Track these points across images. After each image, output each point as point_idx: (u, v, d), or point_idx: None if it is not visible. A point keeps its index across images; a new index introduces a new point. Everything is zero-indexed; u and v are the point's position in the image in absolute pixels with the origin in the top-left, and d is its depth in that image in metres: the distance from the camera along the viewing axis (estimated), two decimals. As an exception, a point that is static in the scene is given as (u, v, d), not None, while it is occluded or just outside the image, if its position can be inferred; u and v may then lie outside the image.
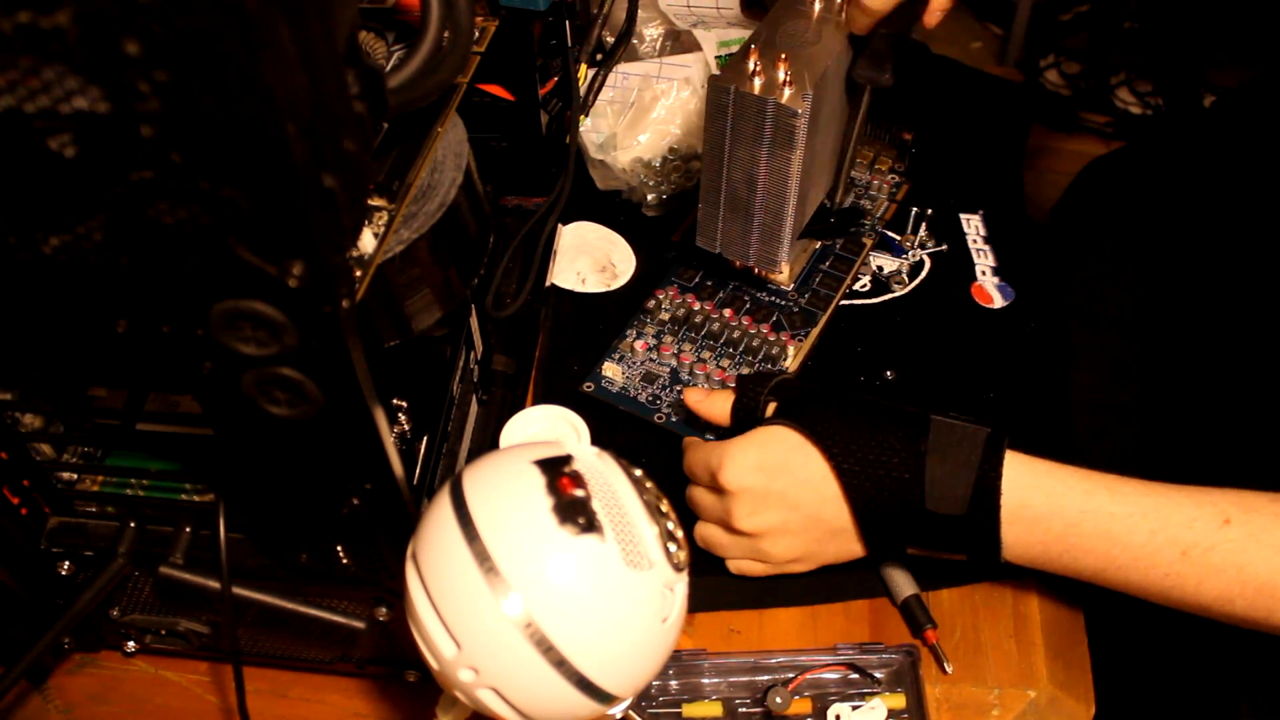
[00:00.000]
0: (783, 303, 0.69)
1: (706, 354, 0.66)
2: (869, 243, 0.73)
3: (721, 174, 0.60)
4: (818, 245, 0.72)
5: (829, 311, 0.68)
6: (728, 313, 0.68)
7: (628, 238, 0.76)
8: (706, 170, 0.61)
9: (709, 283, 0.70)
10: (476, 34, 0.54)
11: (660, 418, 0.63)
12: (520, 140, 0.69)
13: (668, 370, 0.65)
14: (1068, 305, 0.75)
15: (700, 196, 0.63)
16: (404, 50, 0.49)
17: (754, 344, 0.66)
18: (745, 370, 0.64)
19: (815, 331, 0.67)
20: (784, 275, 0.69)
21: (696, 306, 0.68)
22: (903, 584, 0.57)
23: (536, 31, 0.65)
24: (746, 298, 0.69)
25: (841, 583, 0.58)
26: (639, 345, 0.66)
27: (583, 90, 0.73)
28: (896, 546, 0.54)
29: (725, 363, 0.65)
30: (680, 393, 0.64)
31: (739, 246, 0.64)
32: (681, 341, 0.67)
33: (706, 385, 0.64)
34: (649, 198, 0.77)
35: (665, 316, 0.68)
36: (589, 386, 0.65)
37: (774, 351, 0.65)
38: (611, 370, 0.65)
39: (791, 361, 0.65)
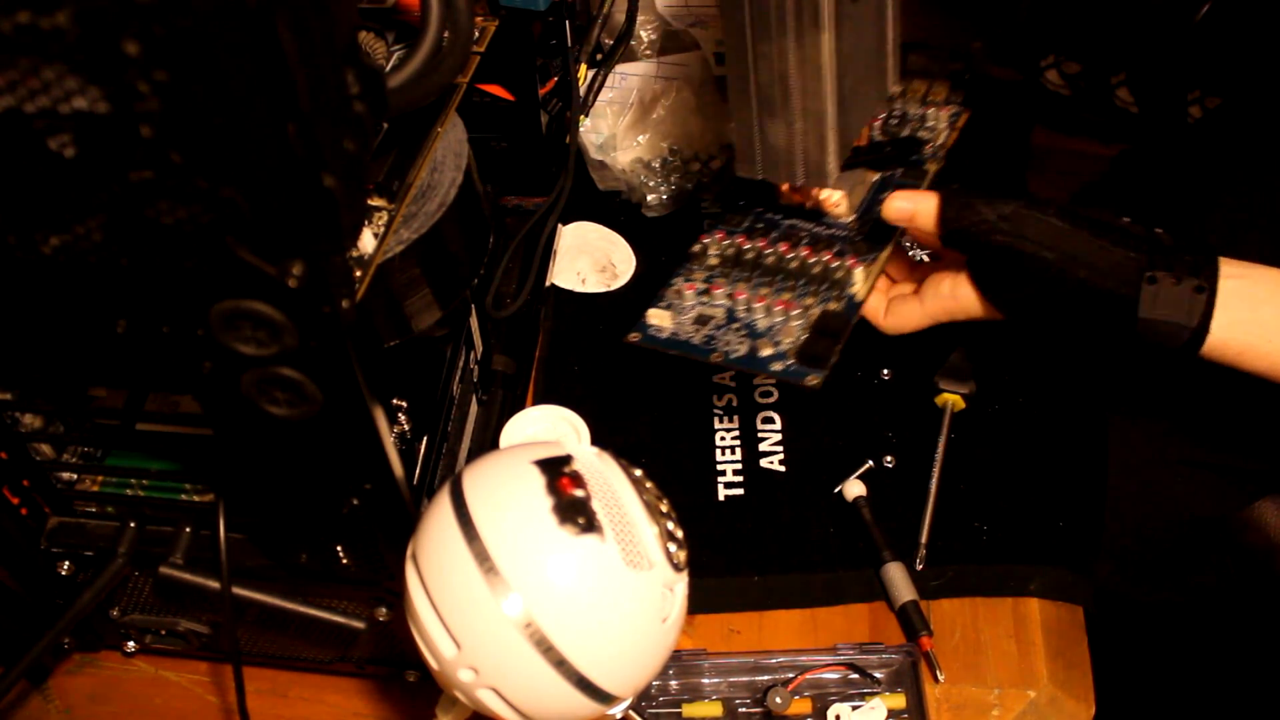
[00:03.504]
0: (844, 234, 0.61)
1: (765, 289, 0.58)
2: (933, 169, 0.65)
3: (749, 79, 0.54)
4: (876, 176, 0.64)
5: (895, 235, 0.60)
6: (783, 246, 0.60)
7: (628, 238, 0.76)
8: (732, 79, 0.55)
9: (760, 225, 0.62)
10: (476, 34, 0.54)
11: (718, 356, 0.56)
12: (520, 140, 0.69)
13: (723, 310, 0.58)
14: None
15: (732, 114, 0.56)
16: (404, 50, 0.49)
17: (814, 272, 0.58)
18: (810, 301, 0.57)
19: (884, 255, 0.59)
20: (842, 207, 0.61)
21: (747, 245, 0.60)
22: (902, 589, 0.57)
23: (536, 31, 0.65)
24: (803, 233, 0.61)
25: (841, 585, 0.59)
26: (687, 289, 0.59)
27: (582, 90, 0.73)
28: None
29: (787, 295, 0.57)
30: (739, 330, 0.57)
31: (783, 163, 0.56)
32: (735, 282, 0.59)
33: (769, 320, 0.57)
34: (649, 198, 0.77)
35: (714, 261, 0.61)
36: (635, 336, 0.58)
37: (838, 276, 0.58)
38: (659, 317, 0.58)
39: (860, 287, 0.57)
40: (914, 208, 0.54)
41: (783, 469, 0.64)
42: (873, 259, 0.59)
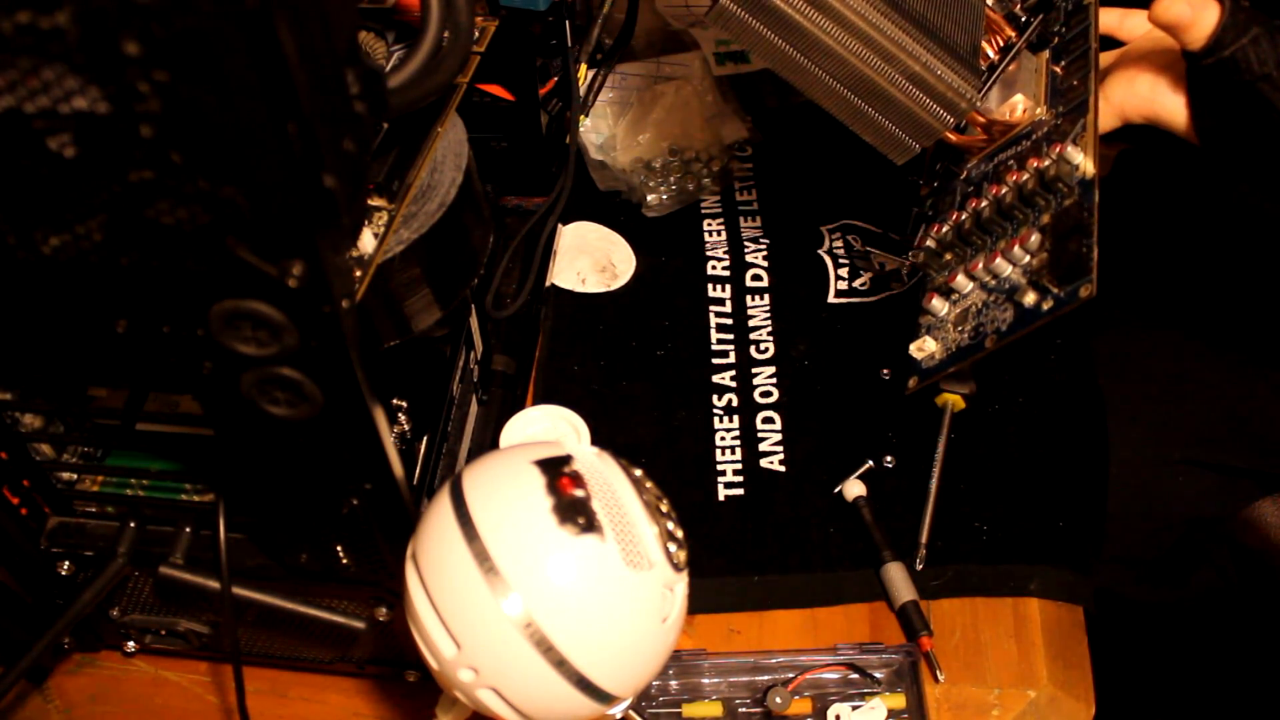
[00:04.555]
0: (1044, 130, 0.55)
1: (1001, 241, 0.54)
2: (1093, 0, 0.58)
3: (824, 82, 0.51)
4: (1045, 54, 0.59)
5: (1093, 84, 0.54)
6: (994, 189, 0.55)
7: (628, 238, 0.76)
8: (817, 97, 0.51)
9: (970, 188, 0.58)
10: (476, 34, 0.54)
11: (991, 341, 0.53)
12: (520, 140, 0.69)
13: (975, 292, 0.55)
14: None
15: (845, 122, 0.52)
16: (404, 50, 0.49)
17: (1030, 187, 0.53)
18: (1046, 219, 0.52)
19: (1091, 117, 0.52)
20: (1030, 110, 0.57)
21: (963, 216, 0.57)
22: (902, 589, 0.57)
23: (536, 31, 0.65)
24: (1009, 160, 0.56)
25: (841, 585, 0.59)
26: (934, 300, 0.57)
27: (583, 90, 0.73)
28: None
29: (1023, 230, 0.53)
30: (1001, 304, 0.53)
31: (924, 118, 0.52)
32: (971, 258, 0.56)
33: (1018, 266, 0.53)
34: (649, 198, 0.77)
35: (948, 256, 0.58)
36: (914, 381, 0.56)
37: (1054, 172, 0.52)
38: (923, 348, 0.56)
39: (1083, 162, 0.51)
40: (1194, 15, 0.47)
41: (783, 469, 0.64)
42: (1081, 129, 0.52)
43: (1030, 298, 0.51)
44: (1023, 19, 0.60)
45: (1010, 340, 0.52)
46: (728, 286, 0.73)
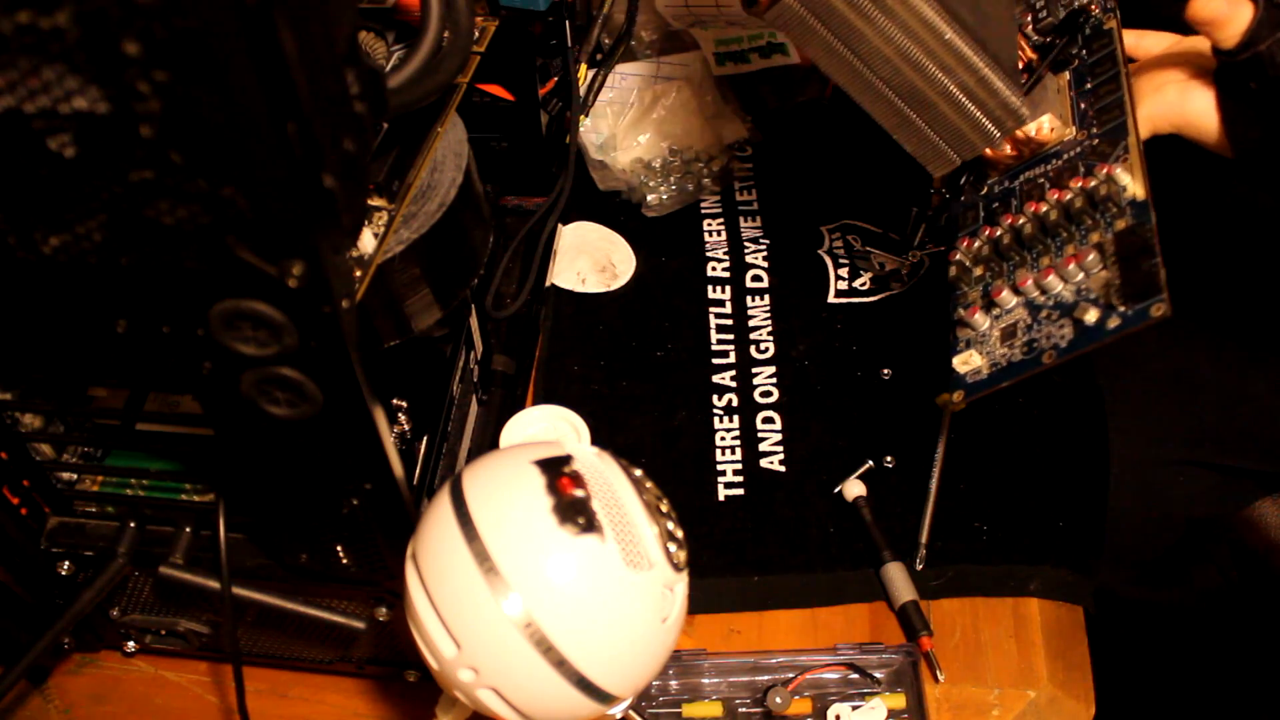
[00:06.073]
0: (1078, 150, 0.55)
1: (1044, 258, 0.53)
2: (1113, 24, 0.58)
3: (876, 87, 0.50)
4: (1065, 76, 0.59)
5: (1128, 107, 0.54)
6: (1031, 206, 0.54)
7: (628, 238, 0.76)
8: (865, 104, 0.51)
9: (995, 204, 0.57)
10: (476, 34, 0.54)
11: (1049, 357, 0.51)
12: (520, 140, 0.69)
13: (1021, 308, 0.54)
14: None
15: (890, 130, 0.52)
16: (404, 50, 0.49)
17: (1077, 206, 0.52)
18: (1095, 237, 0.51)
19: (1133, 139, 0.52)
20: (1058, 129, 0.56)
21: (999, 232, 0.55)
22: (902, 589, 0.57)
23: (536, 31, 0.65)
24: (1040, 179, 0.56)
25: (841, 585, 0.59)
26: (974, 315, 0.55)
27: (582, 90, 0.73)
28: None
29: (1070, 248, 0.52)
30: (1057, 319, 0.52)
31: (969, 133, 0.52)
32: (1012, 274, 0.54)
33: (1071, 285, 0.52)
34: (649, 198, 0.77)
35: (979, 271, 0.56)
36: (959, 396, 0.54)
37: (1104, 192, 0.51)
38: (967, 361, 0.55)
39: (1133, 185, 0.51)
40: (1230, 13, 0.48)
41: (783, 469, 0.64)
42: (1125, 151, 0.53)
43: (1092, 315, 0.50)
44: (1038, 40, 0.61)
45: (1070, 357, 0.51)
46: (728, 287, 0.73)
